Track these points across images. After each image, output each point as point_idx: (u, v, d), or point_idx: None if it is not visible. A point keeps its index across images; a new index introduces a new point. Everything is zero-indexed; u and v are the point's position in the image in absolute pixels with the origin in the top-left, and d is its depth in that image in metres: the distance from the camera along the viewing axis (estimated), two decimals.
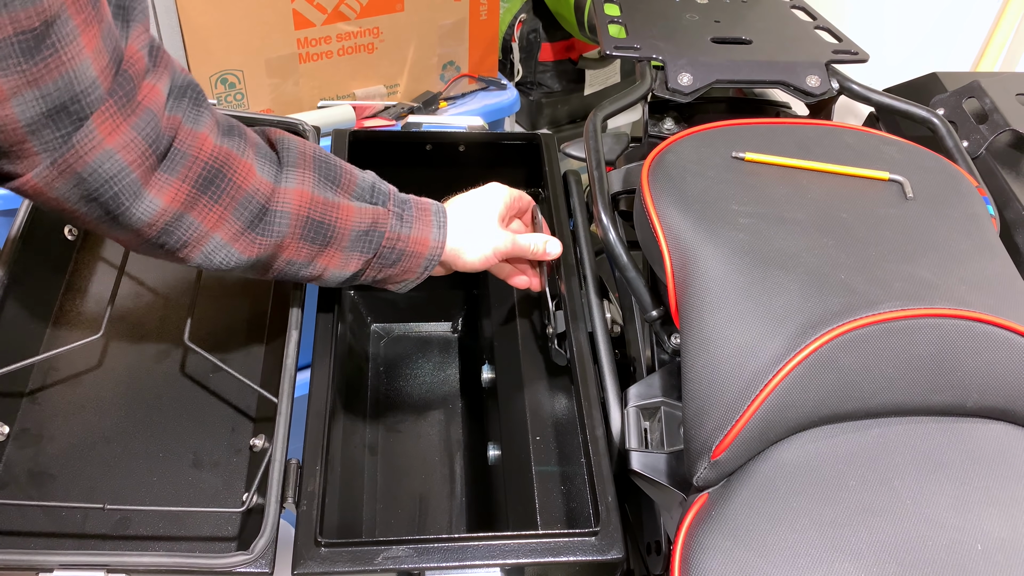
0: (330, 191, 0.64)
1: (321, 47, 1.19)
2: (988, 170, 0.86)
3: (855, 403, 0.55)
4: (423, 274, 0.70)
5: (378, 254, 0.66)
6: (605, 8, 0.97)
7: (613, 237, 0.72)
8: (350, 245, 0.65)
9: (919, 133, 0.85)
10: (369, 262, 0.66)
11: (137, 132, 0.52)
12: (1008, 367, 0.55)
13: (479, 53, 1.36)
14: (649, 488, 0.65)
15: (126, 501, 0.66)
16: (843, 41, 0.93)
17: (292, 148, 0.63)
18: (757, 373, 0.54)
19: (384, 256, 0.67)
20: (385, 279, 0.69)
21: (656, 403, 0.68)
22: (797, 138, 0.74)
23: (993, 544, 0.50)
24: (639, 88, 0.85)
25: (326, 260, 0.65)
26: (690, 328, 0.59)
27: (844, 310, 0.55)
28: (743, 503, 0.53)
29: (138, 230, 0.55)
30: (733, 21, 0.96)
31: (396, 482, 0.86)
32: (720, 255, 0.61)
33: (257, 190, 0.59)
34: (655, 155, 0.73)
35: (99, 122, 0.50)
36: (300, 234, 0.62)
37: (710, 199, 0.66)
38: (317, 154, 0.65)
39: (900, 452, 0.55)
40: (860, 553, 0.49)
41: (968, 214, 0.67)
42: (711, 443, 0.54)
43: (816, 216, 0.64)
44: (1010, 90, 0.91)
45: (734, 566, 0.50)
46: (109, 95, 0.50)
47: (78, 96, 0.48)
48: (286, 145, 0.63)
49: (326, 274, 0.66)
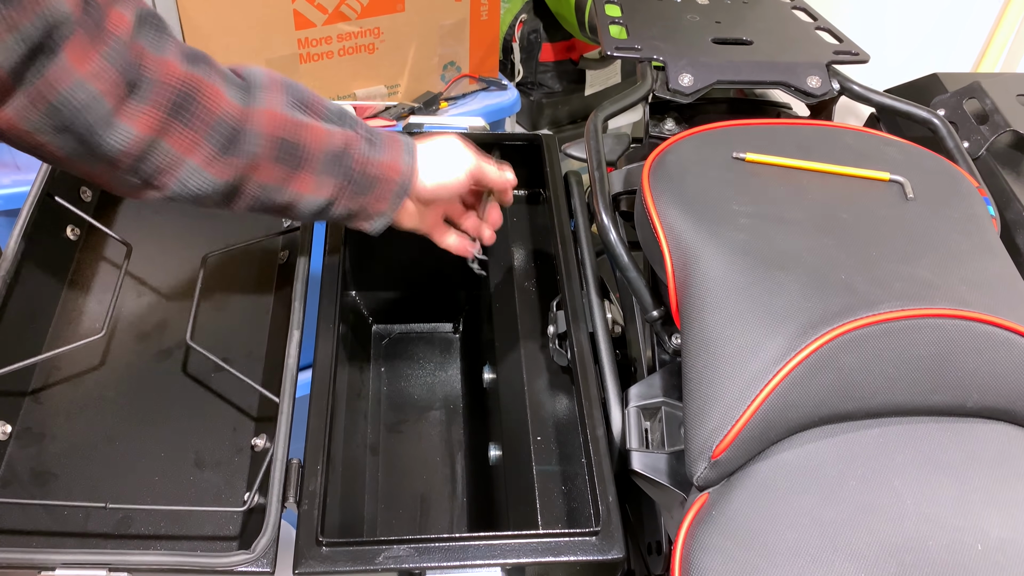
0: (300, 112, 0.64)
1: (322, 47, 1.19)
2: (989, 171, 0.86)
3: (855, 403, 0.56)
4: (396, 204, 0.68)
5: (351, 179, 0.66)
6: (606, 9, 0.97)
7: (614, 237, 0.72)
8: (322, 168, 0.64)
9: (920, 134, 0.85)
10: (342, 189, 0.66)
11: (107, 60, 0.52)
12: (1008, 367, 0.55)
13: (480, 53, 1.36)
14: (650, 488, 0.65)
15: (128, 500, 0.66)
16: (844, 42, 0.93)
17: (259, 73, 0.63)
18: (757, 373, 0.54)
19: (356, 182, 0.66)
20: (358, 211, 0.68)
21: (657, 403, 0.68)
22: (798, 138, 0.74)
23: (993, 544, 0.50)
24: (640, 89, 0.85)
25: (299, 184, 0.64)
26: (691, 328, 0.59)
27: (844, 310, 0.55)
28: (743, 503, 0.53)
29: (113, 159, 0.55)
30: (734, 22, 0.96)
31: (397, 482, 0.87)
32: (721, 255, 0.61)
33: (228, 113, 0.59)
34: (656, 155, 0.73)
35: (70, 51, 0.50)
36: (273, 155, 0.62)
37: (711, 199, 0.66)
38: (285, 79, 0.65)
39: (900, 452, 0.55)
40: (860, 553, 0.49)
41: (968, 214, 0.67)
42: (711, 443, 0.54)
43: (816, 216, 0.64)
44: (1011, 91, 0.91)
45: (734, 566, 0.50)
46: (78, 24, 0.50)
47: (51, 30, 0.49)
48: (252, 71, 0.63)
49: (300, 202, 0.65)
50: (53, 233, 0.82)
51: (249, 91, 0.62)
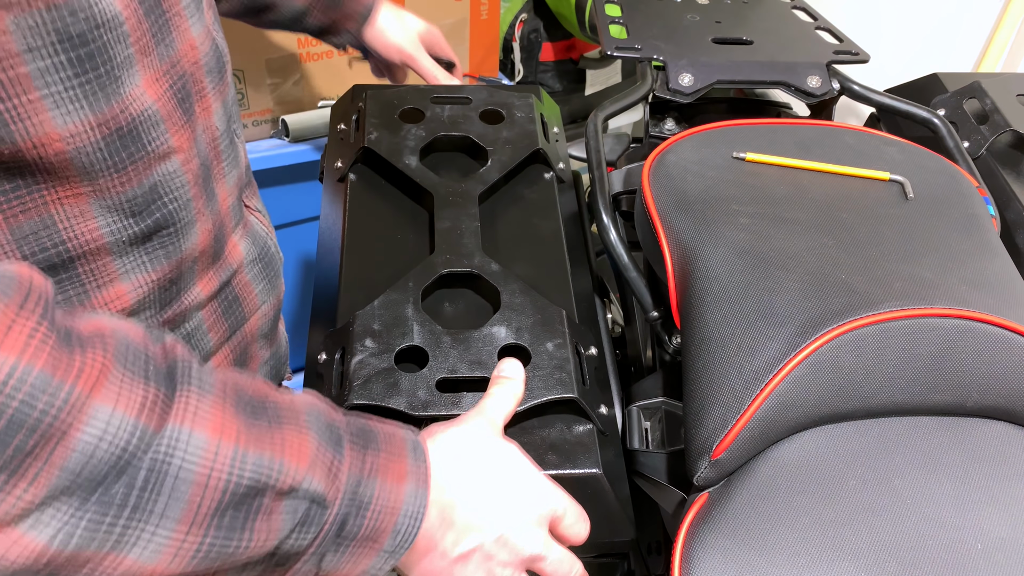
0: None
1: (322, 47, 1.19)
2: (989, 170, 0.86)
3: (855, 403, 0.56)
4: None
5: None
6: (606, 8, 0.97)
7: (614, 237, 0.72)
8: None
9: (920, 134, 0.85)
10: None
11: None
12: (1008, 367, 0.56)
13: (480, 53, 1.36)
14: (650, 488, 0.65)
15: None
16: (844, 42, 0.93)
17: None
18: (757, 373, 0.54)
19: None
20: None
21: (657, 403, 0.68)
22: (798, 138, 0.74)
23: (993, 543, 0.50)
24: (640, 88, 0.85)
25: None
26: (691, 328, 0.59)
27: (844, 310, 0.55)
28: (743, 502, 0.53)
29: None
30: (734, 22, 0.96)
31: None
32: (721, 255, 0.61)
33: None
34: (656, 155, 0.73)
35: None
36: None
37: (711, 199, 0.66)
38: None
39: (900, 451, 0.55)
40: (860, 552, 0.49)
41: (968, 214, 0.67)
42: (711, 442, 0.54)
43: (817, 216, 0.64)
44: (1011, 91, 0.91)
45: (734, 565, 0.50)
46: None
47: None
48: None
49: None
50: None
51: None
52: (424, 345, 0.59)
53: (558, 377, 0.57)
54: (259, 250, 0.65)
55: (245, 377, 0.44)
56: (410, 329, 0.60)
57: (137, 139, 0.47)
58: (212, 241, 0.57)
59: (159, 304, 0.54)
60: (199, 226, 0.54)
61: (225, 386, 0.41)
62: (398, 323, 0.60)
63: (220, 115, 0.57)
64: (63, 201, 0.45)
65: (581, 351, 0.62)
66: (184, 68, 0.51)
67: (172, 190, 0.51)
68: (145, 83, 0.47)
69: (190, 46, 0.52)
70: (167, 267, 0.53)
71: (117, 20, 0.43)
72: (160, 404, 0.37)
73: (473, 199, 0.70)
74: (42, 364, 0.33)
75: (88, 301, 0.48)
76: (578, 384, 0.58)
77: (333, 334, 0.62)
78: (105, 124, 0.45)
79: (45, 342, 0.34)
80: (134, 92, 0.46)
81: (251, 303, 0.65)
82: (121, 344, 0.37)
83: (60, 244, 0.46)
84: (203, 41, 0.54)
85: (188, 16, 0.52)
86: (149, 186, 0.49)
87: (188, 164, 0.52)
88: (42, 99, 0.41)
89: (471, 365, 0.58)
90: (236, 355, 0.64)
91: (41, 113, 0.42)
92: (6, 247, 0.45)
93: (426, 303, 0.63)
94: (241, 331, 0.64)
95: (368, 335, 0.59)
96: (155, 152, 0.49)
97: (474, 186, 0.71)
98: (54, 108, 0.42)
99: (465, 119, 0.76)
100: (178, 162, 0.51)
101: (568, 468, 0.55)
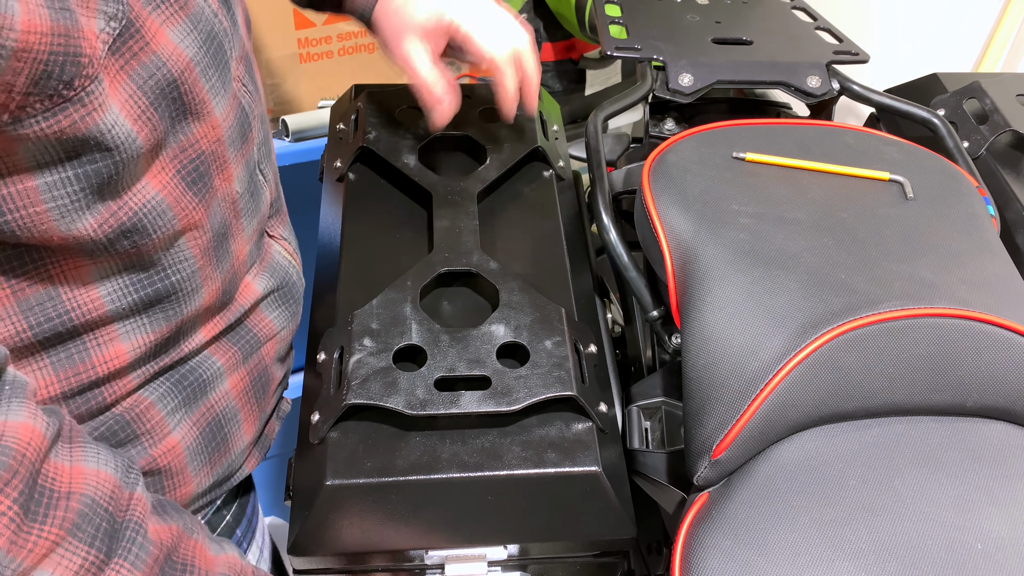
0: None
1: (322, 47, 1.19)
2: (988, 170, 0.86)
3: (855, 402, 0.56)
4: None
5: None
6: (606, 9, 0.97)
7: (614, 237, 0.72)
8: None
9: (919, 134, 0.85)
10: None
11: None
12: (1008, 367, 0.56)
13: None
14: (650, 487, 0.65)
15: None
16: (844, 42, 0.93)
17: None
18: (757, 372, 0.54)
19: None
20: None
21: (657, 403, 0.68)
22: (797, 138, 0.74)
23: (993, 543, 0.50)
24: (640, 88, 0.85)
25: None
26: (691, 328, 0.59)
27: (844, 310, 0.55)
28: (743, 502, 0.53)
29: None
30: (734, 22, 0.96)
31: None
32: (721, 255, 0.61)
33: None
34: (656, 155, 0.73)
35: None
36: None
37: (711, 199, 0.66)
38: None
39: (900, 451, 0.55)
40: (860, 552, 0.49)
41: (968, 214, 0.67)
42: (712, 442, 0.54)
43: (816, 216, 0.64)
44: (1010, 91, 0.91)
45: (735, 565, 0.50)
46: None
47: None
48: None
49: None
50: None
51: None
52: (423, 344, 0.59)
53: (557, 375, 0.57)
54: (278, 281, 0.64)
55: (192, 549, 0.47)
56: (408, 328, 0.60)
57: (141, 230, 0.47)
58: (219, 296, 0.56)
59: (156, 355, 0.54)
60: (205, 290, 0.54)
61: (156, 563, 0.44)
62: (396, 322, 0.60)
63: (242, 177, 0.56)
64: (66, 273, 0.47)
65: (580, 349, 0.62)
66: (202, 148, 0.50)
67: (176, 263, 0.51)
68: (149, 175, 0.47)
69: (211, 126, 0.50)
70: (166, 329, 0.52)
71: (130, 139, 0.43)
72: (93, 572, 0.41)
73: (472, 198, 0.70)
74: (2, 543, 0.38)
75: (89, 360, 0.50)
76: (577, 382, 0.58)
77: (332, 333, 0.62)
78: (106, 223, 0.45)
79: (8, 526, 0.38)
80: (135, 186, 0.46)
81: (266, 331, 0.63)
82: (84, 507, 0.42)
83: (64, 314, 0.47)
84: (226, 116, 0.52)
85: (212, 98, 0.49)
86: (151, 262, 0.49)
87: (197, 240, 0.51)
88: (48, 211, 0.42)
89: (470, 364, 0.58)
90: (253, 378, 0.62)
91: (47, 223, 0.43)
92: (13, 318, 0.46)
93: (424, 302, 0.63)
94: (257, 355, 0.62)
95: (366, 334, 0.59)
96: (160, 237, 0.48)
97: (473, 185, 0.71)
98: (59, 219, 0.43)
99: (464, 118, 0.76)
100: (185, 240, 0.51)
101: (567, 466, 0.55)
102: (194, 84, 0.47)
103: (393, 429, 0.57)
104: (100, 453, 0.45)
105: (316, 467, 0.56)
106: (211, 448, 0.58)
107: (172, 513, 0.49)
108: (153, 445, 0.54)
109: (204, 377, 0.57)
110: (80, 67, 0.39)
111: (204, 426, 0.58)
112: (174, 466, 0.56)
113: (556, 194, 0.75)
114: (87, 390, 0.50)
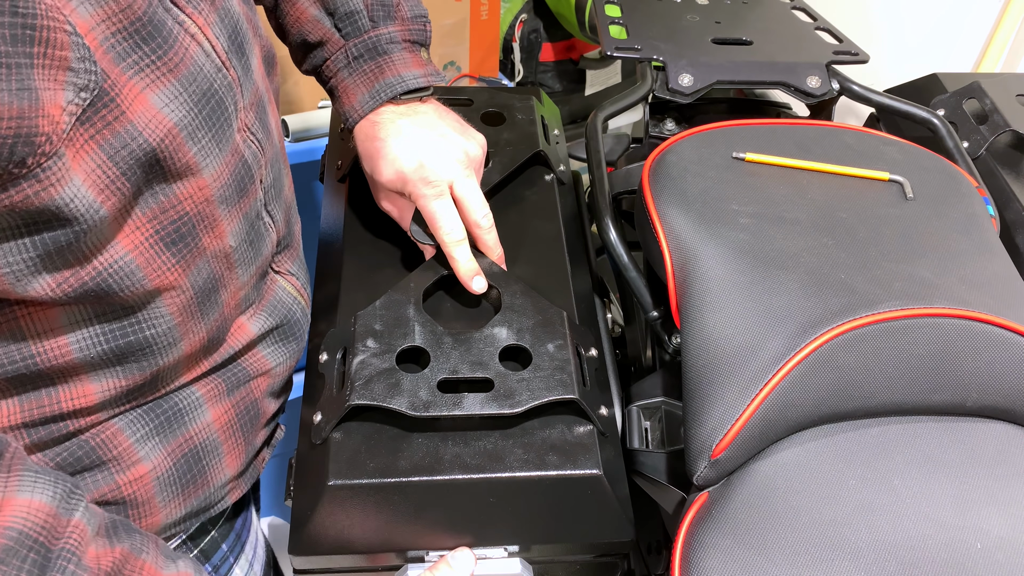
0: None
1: None
2: (988, 171, 0.86)
3: (855, 402, 0.56)
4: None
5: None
6: (606, 9, 0.97)
7: (614, 237, 0.72)
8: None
9: (919, 134, 0.85)
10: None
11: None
12: (1008, 367, 0.56)
13: (480, 53, 1.36)
14: (650, 487, 0.65)
15: None
16: (843, 42, 0.93)
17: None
18: (757, 372, 0.54)
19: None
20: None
21: (657, 403, 0.68)
22: (797, 138, 0.74)
23: (993, 543, 0.50)
24: (640, 89, 0.85)
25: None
26: (690, 328, 0.59)
27: (844, 309, 0.55)
28: (743, 502, 0.53)
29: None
30: (734, 22, 0.96)
31: None
32: (720, 255, 0.61)
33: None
34: (656, 155, 0.73)
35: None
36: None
37: (710, 199, 0.66)
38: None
39: (900, 451, 0.55)
40: (860, 552, 0.49)
41: (968, 214, 0.67)
42: (711, 442, 0.55)
43: (816, 216, 0.65)
44: (1010, 91, 0.91)
45: (734, 565, 0.50)
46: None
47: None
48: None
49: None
50: None
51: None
52: (425, 345, 0.59)
53: (559, 378, 0.57)
54: (279, 320, 0.61)
55: (138, 571, 0.46)
56: (411, 329, 0.60)
57: (105, 290, 0.45)
58: (204, 344, 0.54)
59: (129, 397, 0.52)
60: (185, 342, 0.52)
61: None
62: (399, 323, 0.60)
63: (238, 230, 0.52)
64: (33, 317, 0.45)
65: (582, 352, 0.62)
66: (185, 210, 0.47)
67: (151, 318, 0.49)
68: (121, 235, 0.44)
69: (196, 187, 0.47)
70: (139, 377, 0.50)
71: (92, 209, 0.41)
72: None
73: None
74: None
75: (55, 395, 0.48)
76: (579, 385, 0.58)
77: (334, 334, 0.62)
78: (66, 283, 0.43)
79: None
80: (103, 247, 0.44)
81: (259, 367, 0.61)
82: (10, 541, 0.40)
83: (30, 358, 0.46)
84: (219, 175, 0.48)
85: (201, 160, 0.46)
86: (124, 312, 0.47)
87: (174, 299, 0.49)
88: (3, 275, 0.41)
89: (472, 366, 0.58)
90: (239, 411, 0.60)
91: (3, 284, 0.41)
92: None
93: (427, 304, 0.63)
94: (245, 388, 0.60)
95: (369, 335, 0.59)
96: (129, 295, 0.46)
97: None
98: (14, 281, 0.41)
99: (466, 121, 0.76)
100: (161, 299, 0.48)
101: (568, 469, 0.55)
102: (177, 149, 0.44)
103: (395, 430, 0.57)
104: (37, 481, 0.43)
105: (318, 467, 0.56)
106: (185, 480, 0.56)
107: (122, 534, 0.47)
108: (120, 472, 0.53)
109: (180, 406, 0.55)
110: (34, 147, 0.37)
111: (179, 457, 0.56)
112: (140, 495, 0.54)
113: (557, 198, 0.75)
114: (51, 422, 0.49)
